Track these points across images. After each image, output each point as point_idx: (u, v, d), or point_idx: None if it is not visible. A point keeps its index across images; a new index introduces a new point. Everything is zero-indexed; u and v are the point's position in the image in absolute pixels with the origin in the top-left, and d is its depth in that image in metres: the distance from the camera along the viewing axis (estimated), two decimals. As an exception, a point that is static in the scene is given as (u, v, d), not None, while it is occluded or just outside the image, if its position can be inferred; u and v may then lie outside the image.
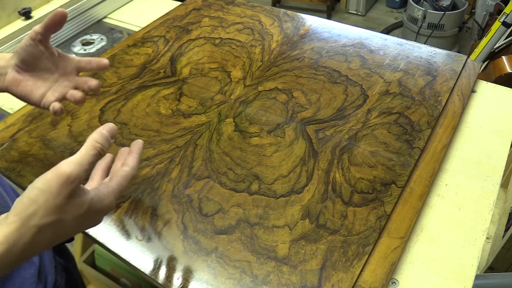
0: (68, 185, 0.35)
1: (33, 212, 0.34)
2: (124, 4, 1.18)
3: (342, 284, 0.48)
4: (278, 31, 0.89)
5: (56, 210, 0.35)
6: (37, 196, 0.34)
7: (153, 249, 0.53)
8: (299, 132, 0.66)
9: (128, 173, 0.42)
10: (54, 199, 0.34)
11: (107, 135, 0.39)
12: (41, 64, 0.54)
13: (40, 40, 0.52)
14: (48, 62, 0.54)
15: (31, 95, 0.53)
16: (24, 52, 0.52)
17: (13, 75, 0.52)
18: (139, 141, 0.46)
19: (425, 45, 0.82)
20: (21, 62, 0.52)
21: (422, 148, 0.63)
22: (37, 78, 0.54)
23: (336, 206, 0.56)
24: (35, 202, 0.34)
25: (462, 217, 0.56)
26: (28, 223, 0.34)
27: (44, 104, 0.54)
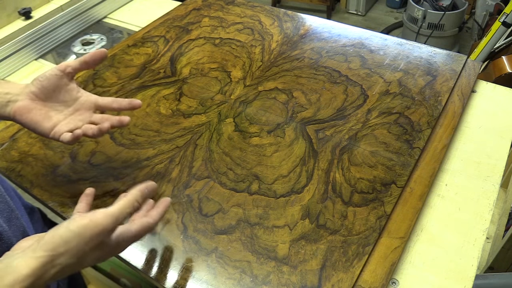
0: (100, 236, 0.38)
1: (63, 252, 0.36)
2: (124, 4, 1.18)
3: (342, 284, 0.48)
4: (278, 31, 0.89)
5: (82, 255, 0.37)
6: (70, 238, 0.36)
7: (153, 249, 0.53)
8: (299, 132, 0.66)
9: (150, 224, 0.44)
10: (84, 245, 0.37)
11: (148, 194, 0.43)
12: (60, 96, 0.53)
13: (68, 73, 0.52)
14: (67, 95, 0.54)
15: (41, 124, 0.52)
16: (47, 81, 0.51)
17: (24, 103, 0.51)
18: (168, 199, 0.48)
19: (425, 45, 0.82)
20: (41, 90, 0.52)
21: (422, 148, 0.63)
22: (50, 108, 0.53)
23: (336, 206, 0.56)
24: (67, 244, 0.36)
25: (462, 217, 0.56)
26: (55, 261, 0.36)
27: (54, 134, 0.52)
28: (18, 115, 0.51)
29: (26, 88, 0.52)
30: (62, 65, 0.52)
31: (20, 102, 0.51)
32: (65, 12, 1.09)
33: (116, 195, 0.59)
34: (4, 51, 0.99)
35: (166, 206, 0.48)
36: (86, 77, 0.81)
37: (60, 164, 0.64)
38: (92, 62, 0.53)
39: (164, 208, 0.47)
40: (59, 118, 0.53)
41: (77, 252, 0.37)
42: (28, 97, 0.51)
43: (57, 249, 0.36)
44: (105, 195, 0.59)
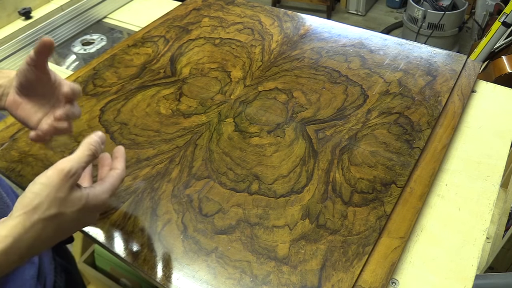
0: (68, 179, 0.38)
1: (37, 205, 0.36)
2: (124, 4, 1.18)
3: (342, 284, 0.48)
4: (278, 31, 0.89)
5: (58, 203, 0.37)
6: (40, 190, 0.37)
7: (153, 249, 0.53)
8: (299, 132, 0.66)
9: (119, 174, 0.45)
10: (56, 192, 0.37)
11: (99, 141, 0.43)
12: (39, 90, 0.51)
13: (35, 65, 0.49)
14: (44, 89, 0.51)
15: (28, 120, 0.51)
16: (22, 76, 0.50)
17: (13, 97, 0.51)
18: (121, 147, 0.49)
19: (425, 45, 0.82)
20: (20, 85, 0.50)
21: (422, 148, 0.63)
22: (34, 103, 0.52)
23: (336, 206, 0.56)
24: (39, 196, 0.36)
25: (462, 217, 0.56)
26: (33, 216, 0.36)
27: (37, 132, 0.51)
28: (10, 109, 0.52)
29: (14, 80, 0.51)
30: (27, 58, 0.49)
31: (10, 96, 0.51)
32: (65, 12, 1.09)
33: (116, 195, 0.59)
34: (4, 51, 0.99)
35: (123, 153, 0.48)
36: (86, 77, 0.81)
37: (60, 164, 0.64)
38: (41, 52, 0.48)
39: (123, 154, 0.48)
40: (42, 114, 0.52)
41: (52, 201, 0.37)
42: (14, 91, 0.51)
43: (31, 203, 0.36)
44: (105, 195, 0.59)
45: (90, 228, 0.56)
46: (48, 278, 0.56)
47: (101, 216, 0.56)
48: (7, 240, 0.34)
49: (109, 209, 0.57)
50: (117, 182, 0.45)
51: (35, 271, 0.52)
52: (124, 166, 0.47)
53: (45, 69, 0.50)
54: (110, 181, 0.44)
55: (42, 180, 0.37)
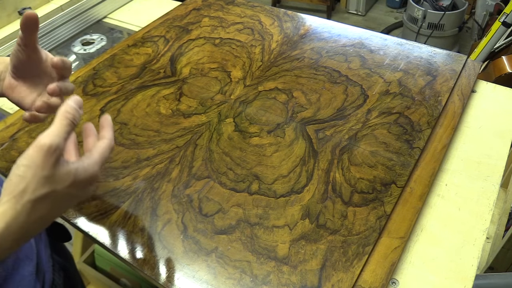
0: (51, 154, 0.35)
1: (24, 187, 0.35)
2: (124, 4, 1.18)
3: (342, 284, 0.48)
4: (278, 31, 0.89)
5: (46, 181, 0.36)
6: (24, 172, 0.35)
7: (153, 249, 0.53)
8: (299, 132, 0.66)
9: (107, 144, 0.44)
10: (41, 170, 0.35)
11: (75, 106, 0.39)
12: (32, 70, 0.52)
13: (25, 44, 0.49)
14: (37, 68, 0.52)
15: (23, 101, 0.52)
16: (14, 57, 0.50)
17: (9, 80, 0.52)
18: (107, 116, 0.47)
19: (425, 45, 0.82)
20: (14, 67, 0.51)
21: (422, 148, 0.63)
22: (29, 84, 0.52)
23: (336, 206, 0.56)
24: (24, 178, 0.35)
25: (462, 217, 0.56)
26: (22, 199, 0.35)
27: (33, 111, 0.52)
28: (6, 93, 0.52)
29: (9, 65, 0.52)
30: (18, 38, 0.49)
31: (6, 80, 0.52)
32: (65, 12, 1.09)
33: (117, 194, 0.59)
34: (4, 51, 0.99)
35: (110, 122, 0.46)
36: (86, 77, 0.81)
37: (60, 164, 0.64)
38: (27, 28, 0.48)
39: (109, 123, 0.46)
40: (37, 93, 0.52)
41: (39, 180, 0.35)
42: (10, 75, 0.52)
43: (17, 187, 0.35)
44: (105, 195, 0.59)
45: (90, 228, 0.56)
46: (47, 276, 0.56)
47: (101, 216, 0.56)
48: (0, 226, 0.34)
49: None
50: (106, 152, 0.43)
51: (33, 267, 0.52)
52: (112, 135, 0.45)
53: (35, 48, 0.50)
54: (99, 151, 0.42)
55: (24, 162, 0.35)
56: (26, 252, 0.51)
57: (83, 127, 0.47)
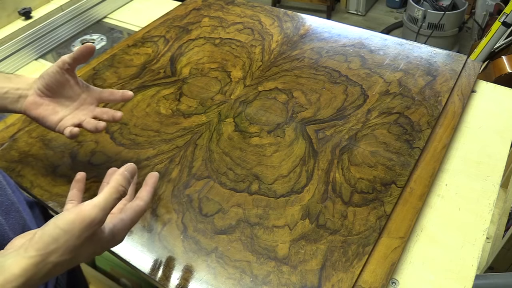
0: (90, 229, 0.36)
1: (53, 250, 0.36)
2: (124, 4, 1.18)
3: (342, 284, 0.48)
4: (278, 31, 0.89)
5: (74, 250, 0.36)
6: (59, 235, 0.36)
7: (153, 249, 0.53)
8: (299, 132, 0.66)
9: (142, 208, 0.44)
10: (75, 240, 0.36)
11: (129, 177, 0.40)
12: (64, 92, 0.56)
13: (67, 69, 0.54)
14: (71, 90, 0.56)
15: (48, 118, 0.55)
16: (50, 78, 0.54)
17: (33, 98, 0.54)
18: (155, 174, 0.48)
19: (425, 45, 0.82)
20: (45, 87, 0.54)
21: (422, 148, 0.63)
22: (57, 104, 0.56)
23: (336, 206, 0.56)
24: (57, 241, 0.36)
25: (462, 217, 0.56)
26: (48, 259, 0.36)
27: (59, 128, 0.55)
28: (28, 110, 0.54)
29: (35, 84, 0.55)
30: (60, 62, 0.54)
31: (30, 97, 0.54)
32: (65, 12, 1.09)
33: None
34: (4, 51, 0.99)
35: (154, 182, 0.47)
36: (86, 77, 0.81)
37: (60, 164, 0.64)
38: (82, 57, 0.55)
39: (153, 184, 0.46)
40: (65, 113, 0.56)
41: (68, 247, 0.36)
42: (36, 93, 0.54)
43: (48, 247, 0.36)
44: (105, 195, 0.59)
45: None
46: None
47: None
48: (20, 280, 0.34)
49: None
50: (137, 218, 0.43)
51: None
52: (151, 198, 0.45)
53: (74, 73, 0.56)
54: (131, 217, 0.42)
55: (63, 226, 0.36)
56: None
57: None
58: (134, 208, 0.43)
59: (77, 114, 0.56)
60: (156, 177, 0.48)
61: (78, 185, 0.48)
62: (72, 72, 0.56)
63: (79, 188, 0.48)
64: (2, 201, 0.51)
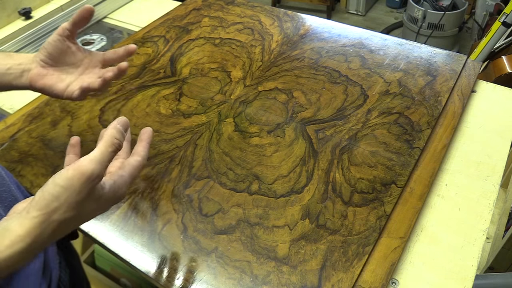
0: (89, 183, 0.36)
1: (56, 208, 0.36)
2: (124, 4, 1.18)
3: (342, 284, 0.48)
4: (278, 31, 0.89)
5: (77, 206, 0.36)
6: (59, 193, 0.35)
7: (153, 249, 0.53)
8: (299, 132, 0.66)
9: (139, 163, 0.44)
10: (75, 196, 0.36)
11: (123, 130, 0.40)
12: (67, 59, 0.57)
13: (67, 36, 0.56)
14: (74, 57, 0.58)
15: (54, 87, 0.56)
16: (51, 47, 0.55)
17: (37, 70, 0.55)
18: (149, 129, 0.47)
19: (425, 45, 0.82)
20: (48, 56, 0.55)
21: (422, 148, 0.63)
22: (61, 71, 0.57)
23: (336, 206, 0.56)
24: (58, 199, 0.35)
25: (462, 217, 0.56)
26: (51, 217, 0.36)
27: (67, 93, 0.56)
28: (33, 82, 0.55)
29: (36, 57, 0.56)
30: (60, 30, 0.55)
31: (34, 70, 0.55)
32: (65, 12, 1.09)
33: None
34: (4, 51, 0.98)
35: (149, 137, 0.46)
36: (86, 77, 0.81)
37: (60, 164, 0.64)
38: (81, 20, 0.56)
39: (148, 139, 0.46)
40: (70, 79, 0.57)
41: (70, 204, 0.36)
42: (39, 65, 0.56)
43: (49, 206, 0.35)
44: (105, 195, 0.59)
45: (90, 228, 0.56)
46: (54, 273, 0.56)
47: (101, 216, 0.56)
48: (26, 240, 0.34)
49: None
50: (136, 172, 0.43)
51: (40, 265, 0.53)
52: (147, 153, 0.44)
53: (75, 40, 0.57)
54: (130, 172, 0.42)
55: (62, 183, 0.36)
56: None
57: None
58: (132, 163, 0.43)
59: (82, 78, 0.57)
60: (150, 131, 0.47)
61: (74, 149, 0.47)
62: (73, 39, 0.57)
63: (75, 152, 0.47)
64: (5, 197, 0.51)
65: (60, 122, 0.72)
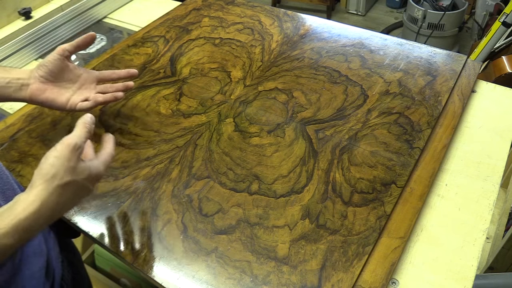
0: (75, 151, 0.44)
1: (54, 173, 0.42)
2: (124, 4, 1.18)
3: (342, 284, 0.48)
4: (278, 31, 0.89)
5: (71, 171, 0.43)
6: (54, 161, 0.43)
7: (153, 249, 0.53)
8: (299, 132, 0.66)
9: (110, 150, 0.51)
10: (68, 162, 0.43)
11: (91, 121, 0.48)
12: (65, 76, 0.63)
13: (66, 56, 0.62)
14: (71, 73, 0.64)
15: (56, 100, 0.62)
16: (52, 65, 0.61)
17: (37, 86, 0.61)
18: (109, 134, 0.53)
19: (425, 45, 0.82)
20: (48, 73, 0.61)
21: (422, 148, 0.63)
22: (60, 87, 0.63)
23: (336, 206, 0.56)
24: (54, 166, 0.42)
25: (462, 217, 0.56)
26: (53, 183, 0.42)
27: (70, 105, 0.63)
28: (34, 96, 0.61)
29: (34, 72, 0.61)
30: (60, 50, 0.62)
31: (33, 85, 0.61)
32: (65, 12, 1.09)
33: (117, 194, 0.59)
34: (4, 51, 0.98)
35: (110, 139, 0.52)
36: (86, 77, 0.81)
37: (60, 164, 0.64)
38: (84, 45, 0.64)
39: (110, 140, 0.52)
40: (70, 94, 0.63)
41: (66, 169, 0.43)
42: (38, 80, 0.61)
43: (48, 173, 0.42)
44: (105, 195, 0.59)
45: (90, 228, 0.56)
46: (56, 272, 0.57)
47: (101, 216, 0.56)
48: (35, 203, 0.40)
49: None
50: (109, 157, 0.50)
51: (44, 263, 0.53)
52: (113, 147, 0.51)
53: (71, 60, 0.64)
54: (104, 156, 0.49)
55: (55, 154, 0.43)
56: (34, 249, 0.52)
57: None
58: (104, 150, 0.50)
59: (81, 93, 0.64)
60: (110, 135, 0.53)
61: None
62: (70, 59, 0.64)
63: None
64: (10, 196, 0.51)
65: (60, 122, 0.72)
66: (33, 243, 0.53)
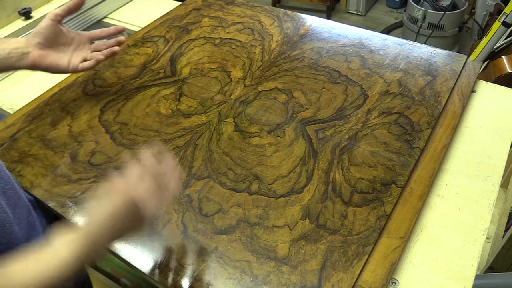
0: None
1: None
2: (124, 4, 1.18)
3: (342, 284, 0.48)
4: (278, 31, 0.89)
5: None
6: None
7: (153, 249, 0.53)
8: (299, 132, 0.66)
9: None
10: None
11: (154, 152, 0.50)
12: (60, 40, 0.66)
13: (59, 20, 0.65)
14: (65, 37, 0.67)
15: (59, 64, 0.65)
16: (47, 31, 0.64)
17: (37, 52, 0.63)
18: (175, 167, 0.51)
19: (425, 45, 0.82)
20: (45, 40, 0.64)
21: (422, 148, 0.63)
22: (58, 51, 0.66)
23: (336, 206, 0.56)
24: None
25: (462, 217, 0.56)
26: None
27: (73, 67, 0.66)
28: (37, 63, 0.64)
29: (31, 40, 0.63)
30: (52, 15, 0.64)
31: (34, 52, 0.63)
32: (65, 12, 1.09)
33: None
34: (4, 51, 0.98)
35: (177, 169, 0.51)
36: (86, 77, 0.81)
37: (60, 164, 0.64)
38: (74, 8, 0.66)
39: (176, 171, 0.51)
40: (68, 56, 0.67)
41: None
42: (37, 47, 0.63)
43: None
44: (105, 195, 0.59)
45: (90, 228, 0.56)
46: None
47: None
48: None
49: None
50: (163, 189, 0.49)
51: None
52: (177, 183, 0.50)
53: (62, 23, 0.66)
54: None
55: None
56: None
57: None
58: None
59: (78, 54, 0.68)
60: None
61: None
62: (61, 23, 0.66)
63: None
64: (11, 195, 0.52)
65: (60, 122, 0.72)
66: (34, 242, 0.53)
